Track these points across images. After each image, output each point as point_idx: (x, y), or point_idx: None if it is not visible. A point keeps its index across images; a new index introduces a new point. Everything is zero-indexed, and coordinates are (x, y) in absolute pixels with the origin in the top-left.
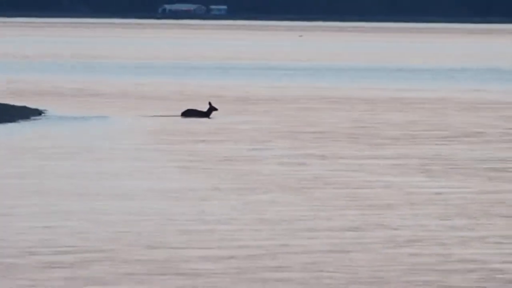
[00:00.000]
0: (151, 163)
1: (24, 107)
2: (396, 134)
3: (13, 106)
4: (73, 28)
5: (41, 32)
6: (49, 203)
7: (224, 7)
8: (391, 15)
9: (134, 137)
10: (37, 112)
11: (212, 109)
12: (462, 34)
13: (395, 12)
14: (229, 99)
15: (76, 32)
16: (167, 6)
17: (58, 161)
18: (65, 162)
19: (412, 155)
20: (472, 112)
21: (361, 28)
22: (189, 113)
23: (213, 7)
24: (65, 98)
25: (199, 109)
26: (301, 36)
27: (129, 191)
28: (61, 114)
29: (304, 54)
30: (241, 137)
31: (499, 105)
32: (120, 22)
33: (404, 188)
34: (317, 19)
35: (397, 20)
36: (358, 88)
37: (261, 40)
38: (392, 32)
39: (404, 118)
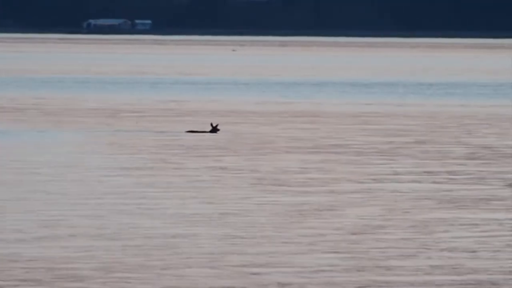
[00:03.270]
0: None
1: None
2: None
3: None
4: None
5: None
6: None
7: (149, 21)
8: (318, 29)
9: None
10: None
11: (215, 129)
12: (387, 48)
13: (322, 26)
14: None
15: (2, 47)
16: (92, 21)
17: None
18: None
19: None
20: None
21: (290, 42)
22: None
23: (138, 21)
24: None
25: (200, 129)
26: (234, 50)
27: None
28: None
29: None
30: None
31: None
32: (46, 37)
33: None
34: (246, 34)
35: (324, 34)
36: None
37: (194, 54)
38: (320, 46)
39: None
